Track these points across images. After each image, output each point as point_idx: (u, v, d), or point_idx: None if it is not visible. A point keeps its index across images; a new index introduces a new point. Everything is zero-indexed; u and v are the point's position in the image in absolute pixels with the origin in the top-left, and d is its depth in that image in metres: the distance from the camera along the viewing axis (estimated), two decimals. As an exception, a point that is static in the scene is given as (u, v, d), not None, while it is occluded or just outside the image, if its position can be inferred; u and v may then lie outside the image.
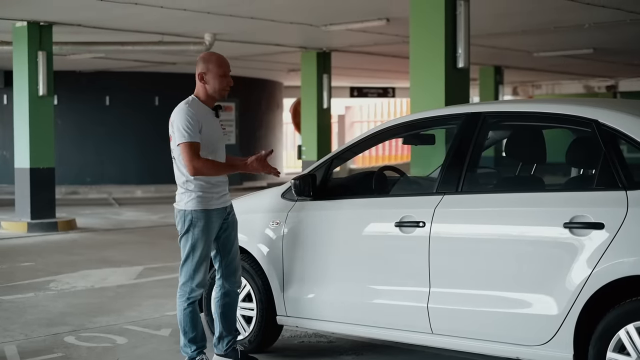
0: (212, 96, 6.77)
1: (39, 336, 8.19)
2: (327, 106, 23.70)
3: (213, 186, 6.73)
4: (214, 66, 6.73)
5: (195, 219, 6.68)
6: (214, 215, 6.74)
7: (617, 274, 5.44)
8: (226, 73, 6.75)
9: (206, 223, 6.69)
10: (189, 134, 6.53)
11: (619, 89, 35.26)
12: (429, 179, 7.77)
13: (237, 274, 7.03)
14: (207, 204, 6.70)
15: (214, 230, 6.77)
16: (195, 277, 6.74)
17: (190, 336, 6.80)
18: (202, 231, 6.68)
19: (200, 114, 6.65)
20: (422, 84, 12.69)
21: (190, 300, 6.77)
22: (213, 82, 6.72)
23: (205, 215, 6.68)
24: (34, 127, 17.90)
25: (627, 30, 18.97)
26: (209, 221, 6.70)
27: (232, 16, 16.80)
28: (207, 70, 6.73)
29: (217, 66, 6.73)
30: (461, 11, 12.36)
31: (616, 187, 5.63)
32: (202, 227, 6.68)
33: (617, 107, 6.05)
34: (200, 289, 6.79)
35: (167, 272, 11.89)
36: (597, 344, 5.50)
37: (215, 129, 6.78)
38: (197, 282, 6.74)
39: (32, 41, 17.79)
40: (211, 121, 6.75)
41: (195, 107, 6.66)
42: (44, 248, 15.09)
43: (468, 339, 6.18)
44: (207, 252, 6.76)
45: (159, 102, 29.47)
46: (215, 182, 6.74)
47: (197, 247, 6.70)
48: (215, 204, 6.74)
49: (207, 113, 6.74)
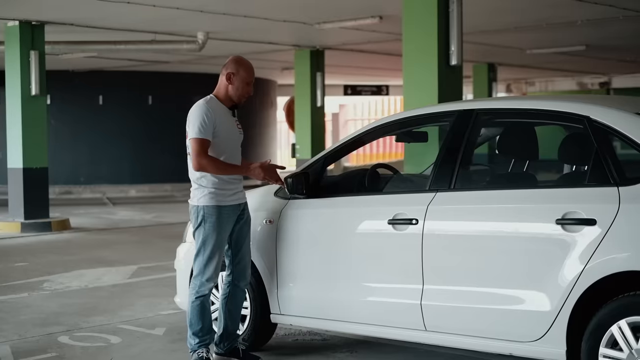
0: (232, 98, 6.92)
1: (33, 336, 8.18)
2: (321, 104, 23.71)
3: (226, 183, 6.84)
4: (244, 71, 6.92)
5: (207, 215, 6.79)
6: (226, 212, 6.83)
7: (609, 269, 5.46)
8: (251, 82, 6.96)
9: (218, 219, 6.79)
10: (201, 130, 6.69)
11: (612, 86, 35.29)
12: (422, 177, 7.76)
13: (247, 272, 7.10)
14: (219, 200, 6.81)
15: (227, 227, 6.86)
16: (205, 272, 6.83)
17: (195, 329, 6.89)
18: (214, 227, 6.78)
19: (218, 113, 6.81)
20: (415, 81, 12.69)
21: (198, 294, 6.86)
22: (239, 85, 6.90)
23: (217, 211, 6.79)
24: (27, 127, 17.88)
25: (619, 26, 18.98)
26: (220, 217, 6.80)
27: (225, 14, 16.78)
28: (237, 73, 6.89)
29: (247, 72, 6.94)
30: (454, 8, 12.35)
31: (608, 183, 5.63)
32: (214, 223, 6.78)
33: (609, 104, 6.07)
34: (210, 284, 6.86)
35: (161, 272, 11.88)
36: (590, 340, 5.51)
37: (231, 128, 6.92)
38: (206, 276, 6.83)
39: (24, 41, 17.76)
40: (228, 120, 6.89)
41: (214, 106, 6.83)
42: (38, 248, 15.06)
43: (461, 335, 6.19)
44: (218, 248, 6.83)
45: (152, 101, 29.46)
46: (228, 179, 6.85)
47: (207, 242, 6.80)
48: (227, 201, 6.84)
49: (224, 112, 6.89)
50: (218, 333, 7.16)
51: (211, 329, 6.99)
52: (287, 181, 7.06)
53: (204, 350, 6.88)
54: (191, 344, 6.92)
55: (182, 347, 7.63)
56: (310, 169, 7.20)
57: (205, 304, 6.89)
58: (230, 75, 6.88)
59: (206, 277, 6.84)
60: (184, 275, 7.68)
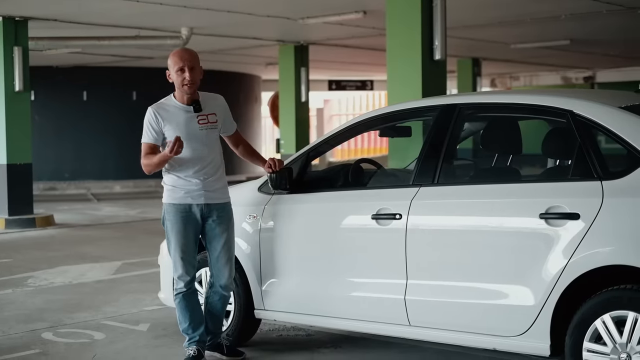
0: (181, 93, 6.78)
1: (16, 332, 8.15)
2: (305, 99, 23.70)
3: (182, 181, 6.75)
4: (171, 60, 6.78)
5: (166, 212, 6.80)
6: (184, 210, 6.74)
7: (593, 264, 5.46)
8: (183, 67, 6.71)
9: (174, 217, 6.74)
10: (144, 135, 6.77)
11: (596, 80, 35.41)
12: (405, 171, 7.77)
13: (224, 273, 6.92)
14: (174, 197, 6.76)
15: (187, 226, 6.75)
16: (176, 269, 6.82)
17: (183, 326, 6.91)
18: (172, 224, 6.76)
19: (165, 115, 6.74)
20: (399, 76, 12.71)
21: (176, 292, 6.87)
22: (173, 76, 6.77)
23: (173, 209, 6.75)
24: (11, 123, 17.81)
25: (603, 21, 19.04)
26: (177, 215, 6.74)
27: (209, 10, 16.77)
28: (169, 66, 6.79)
29: (172, 60, 6.77)
30: (437, 3, 12.39)
31: (591, 177, 5.64)
32: (172, 221, 6.75)
33: (592, 98, 6.08)
34: (181, 282, 6.80)
35: (145, 267, 11.85)
36: (574, 334, 5.51)
37: (188, 125, 6.73)
38: (177, 274, 6.81)
39: (8, 36, 17.68)
40: (180, 118, 6.74)
41: (163, 107, 6.79)
42: (22, 244, 15.02)
43: (445, 330, 6.19)
44: (182, 247, 6.75)
45: (137, 97, 29.40)
46: (185, 177, 6.74)
47: (170, 240, 6.79)
48: (185, 199, 6.74)
49: (176, 111, 6.77)
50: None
51: (199, 326, 6.93)
52: (271, 176, 7.04)
53: (193, 347, 6.85)
54: (185, 342, 6.94)
55: (165, 343, 7.63)
56: (294, 164, 7.19)
57: (186, 302, 6.84)
58: (167, 72, 6.83)
59: (177, 274, 6.80)
60: (168, 272, 7.65)
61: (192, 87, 6.73)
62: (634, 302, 5.30)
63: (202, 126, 6.79)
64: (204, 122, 6.81)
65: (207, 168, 6.79)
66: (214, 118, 6.87)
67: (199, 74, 6.77)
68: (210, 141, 6.83)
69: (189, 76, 6.68)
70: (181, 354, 6.94)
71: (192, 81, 6.70)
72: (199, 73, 6.78)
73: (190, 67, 6.70)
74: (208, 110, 6.85)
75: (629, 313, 5.31)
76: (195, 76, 6.72)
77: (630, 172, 5.53)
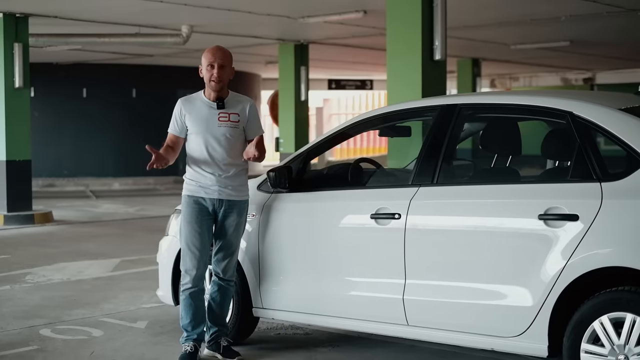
0: (210, 89, 6.90)
1: (15, 329, 8.15)
2: (305, 98, 23.68)
3: (199, 175, 6.86)
4: (204, 57, 6.92)
5: (182, 204, 6.93)
6: (196, 203, 6.84)
7: (591, 265, 5.47)
8: (213, 64, 6.84)
9: (187, 208, 6.87)
10: (171, 125, 6.95)
11: (596, 82, 35.38)
12: (405, 171, 7.77)
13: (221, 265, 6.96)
14: (190, 190, 6.89)
15: (198, 219, 6.82)
16: (184, 262, 6.88)
17: (184, 322, 6.94)
18: (184, 215, 6.87)
19: (190, 108, 6.89)
20: (399, 76, 12.70)
21: (183, 287, 6.91)
22: (204, 72, 6.90)
23: (187, 200, 6.88)
24: (10, 120, 17.79)
25: (603, 22, 19.04)
26: (189, 207, 6.86)
27: (209, 8, 16.76)
28: (202, 63, 6.90)
29: (205, 57, 6.91)
30: (438, 3, 12.37)
31: (590, 178, 5.64)
32: (185, 212, 6.88)
33: (591, 99, 6.08)
34: (187, 277, 6.84)
35: (143, 265, 11.85)
36: (572, 335, 5.52)
37: (208, 122, 6.84)
38: (185, 268, 6.88)
39: (8, 33, 17.66)
40: (204, 114, 6.86)
41: (188, 99, 6.96)
42: (20, 241, 15.01)
43: (443, 330, 6.20)
44: (192, 240, 6.82)
45: (136, 94, 29.38)
46: (198, 171, 6.86)
47: (182, 232, 6.90)
48: (198, 192, 6.85)
49: (201, 107, 6.90)
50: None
51: (200, 325, 6.95)
52: (270, 175, 7.05)
53: (190, 343, 6.87)
54: (182, 337, 6.96)
55: (163, 341, 7.63)
56: (293, 162, 7.19)
57: (191, 300, 6.86)
58: (199, 67, 6.96)
59: (185, 268, 6.86)
60: (166, 269, 7.67)
61: (219, 85, 6.85)
62: (633, 303, 5.31)
63: (221, 123, 6.88)
64: (224, 120, 6.90)
65: (223, 164, 6.86)
66: (235, 118, 6.93)
67: (228, 73, 6.90)
68: (228, 139, 6.88)
69: (217, 73, 6.81)
70: (178, 351, 6.94)
71: (219, 78, 6.83)
72: (229, 72, 6.92)
73: (220, 64, 6.83)
74: (231, 109, 6.93)
75: (627, 315, 5.32)
76: (223, 74, 6.84)
77: (629, 174, 5.54)
